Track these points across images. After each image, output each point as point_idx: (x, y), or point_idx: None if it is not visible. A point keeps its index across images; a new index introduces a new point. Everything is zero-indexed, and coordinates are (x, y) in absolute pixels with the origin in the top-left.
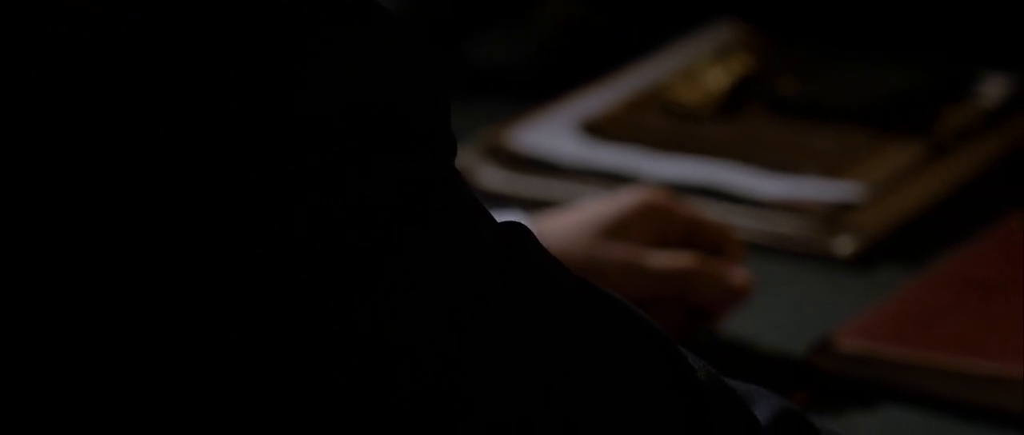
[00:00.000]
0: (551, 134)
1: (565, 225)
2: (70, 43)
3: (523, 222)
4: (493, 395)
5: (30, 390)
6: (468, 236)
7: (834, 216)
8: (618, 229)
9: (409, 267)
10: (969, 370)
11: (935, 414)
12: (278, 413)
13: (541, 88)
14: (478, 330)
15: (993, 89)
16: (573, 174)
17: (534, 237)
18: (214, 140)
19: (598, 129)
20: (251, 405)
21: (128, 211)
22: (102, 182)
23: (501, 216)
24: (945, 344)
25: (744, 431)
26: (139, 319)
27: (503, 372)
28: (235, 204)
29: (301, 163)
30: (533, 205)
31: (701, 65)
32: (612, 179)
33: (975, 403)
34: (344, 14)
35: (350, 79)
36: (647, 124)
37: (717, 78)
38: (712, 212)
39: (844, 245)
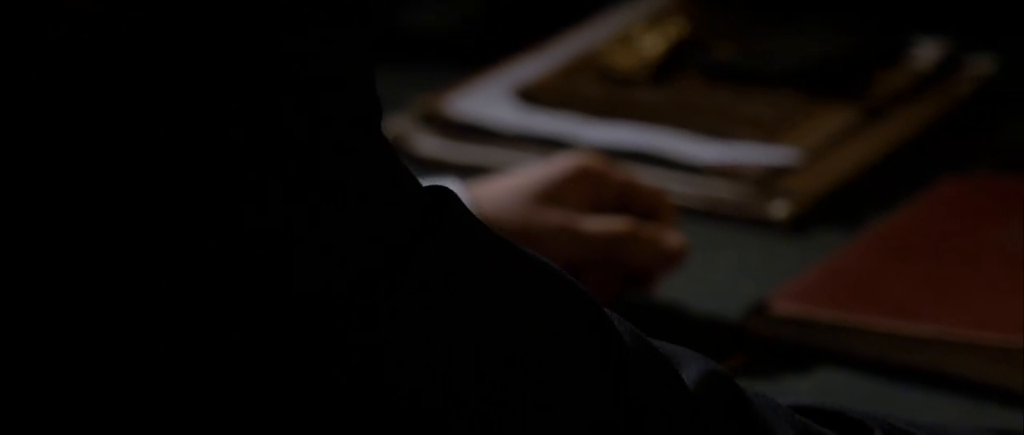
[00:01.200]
0: (486, 101)
1: (500, 191)
2: (70, 43)
3: (458, 189)
4: (418, 361)
5: (28, 387)
6: (392, 200)
7: (769, 180)
8: (553, 194)
9: (331, 232)
10: (903, 332)
11: (870, 376)
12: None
13: (476, 55)
14: (402, 295)
15: (926, 53)
16: (509, 140)
17: (460, 200)
18: (214, 140)
19: (533, 95)
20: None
21: (127, 210)
22: (101, 182)
23: (436, 183)
24: (879, 307)
25: (669, 393)
26: (136, 317)
27: (429, 338)
28: (233, 202)
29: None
30: (469, 172)
31: (636, 30)
32: (547, 145)
33: (909, 365)
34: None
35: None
36: (582, 90)
37: (652, 43)
38: (648, 177)
39: (779, 209)
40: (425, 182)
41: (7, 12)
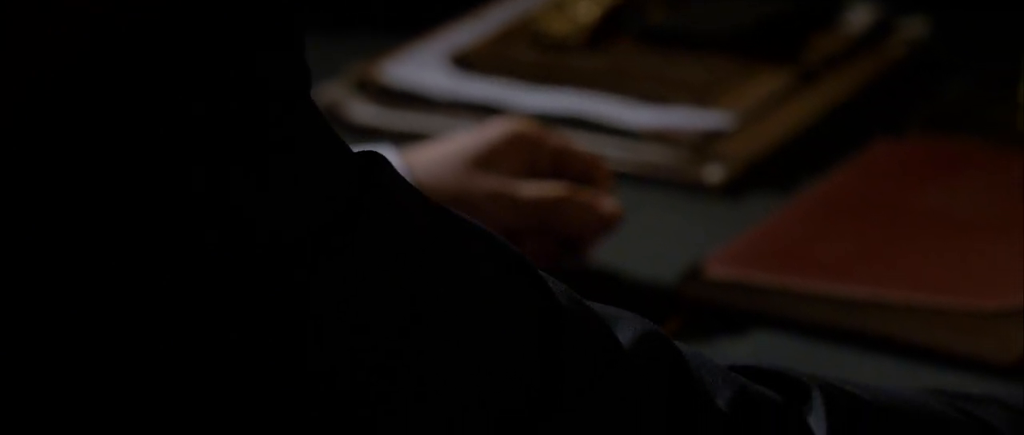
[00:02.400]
0: (421, 67)
1: (435, 157)
2: (70, 43)
3: (392, 156)
4: (352, 323)
5: (29, 386)
6: (324, 166)
7: (703, 144)
8: (488, 160)
9: (266, 198)
10: (838, 294)
11: (805, 339)
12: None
13: (411, 21)
14: (337, 259)
15: (859, 17)
16: (443, 107)
17: (391, 164)
18: (213, 139)
19: (468, 62)
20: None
21: (125, 210)
22: (101, 182)
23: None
24: (814, 269)
25: (604, 353)
26: (134, 317)
27: (363, 300)
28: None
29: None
30: (403, 139)
31: None
32: (482, 111)
33: (844, 327)
34: None
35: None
36: (517, 56)
37: (587, 9)
38: (583, 143)
39: (713, 173)
40: (359, 149)
41: (7, 12)
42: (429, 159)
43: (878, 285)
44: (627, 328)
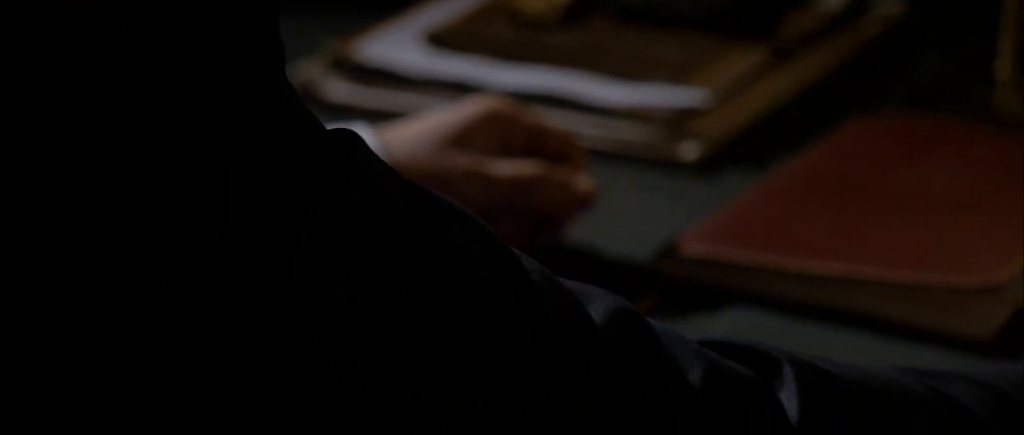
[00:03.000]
0: (396, 45)
1: (410, 135)
2: (70, 43)
3: (367, 134)
4: (338, 311)
5: (21, 378)
6: (303, 147)
7: (679, 122)
8: (462, 138)
9: (242, 177)
10: (812, 271)
11: (780, 316)
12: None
13: (386, 0)
14: (318, 242)
15: None
16: (418, 85)
17: (366, 144)
18: (213, 139)
19: (443, 39)
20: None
21: (125, 210)
22: (101, 181)
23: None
24: (789, 246)
25: (577, 329)
26: (133, 314)
27: (344, 283)
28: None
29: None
30: (379, 117)
31: None
32: (457, 89)
33: (819, 304)
34: None
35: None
36: (492, 34)
37: None
38: (558, 120)
39: (689, 151)
40: (334, 128)
41: (7, 12)
42: (404, 137)
43: (853, 262)
44: (599, 305)
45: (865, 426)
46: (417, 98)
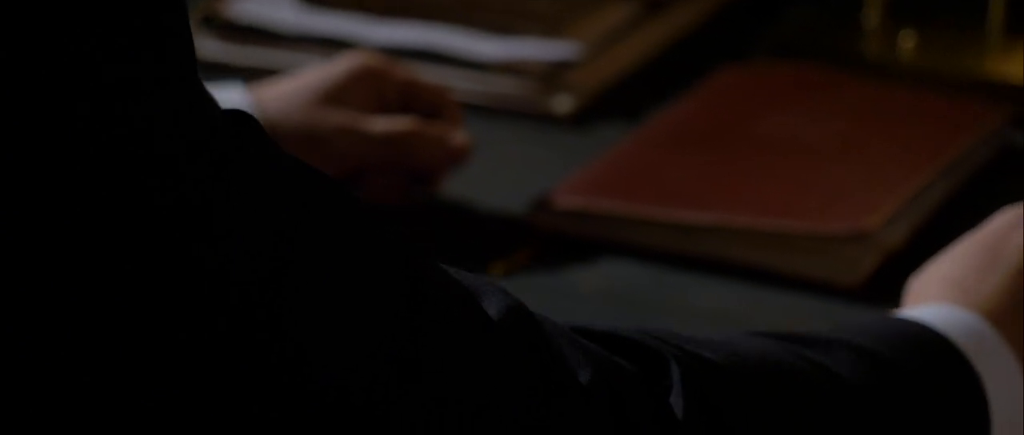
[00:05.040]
0: (268, 2)
1: (282, 93)
2: None
3: (240, 93)
4: (222, 293)
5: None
6: (199, 128)
7: (552, 75)
8: (336, 95)
9: (137, 161)
10: (684, 221)
11: (654, 266)
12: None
13: None
14: (209, 224)
15: None
16: (291, 42)
17: (260, 127)
18: (107, 122)
19: None
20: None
21: (25, 197)
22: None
23: (220, 88)
24: (661, 197)
25: (469, 323)
26: (37, 299)
27: (232, 271)
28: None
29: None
30: (251, 74)
31: None
32: (331, 46)
33: (692, 253)
34: None
35: None
36: None
37: None
38: (432, 75)
39: (562, 103)
40: (227, 109)
41: None
42: (277, 95)
43: (724, 211)
44: (492, 301)
45: (749, 418)
46: (290, 55)
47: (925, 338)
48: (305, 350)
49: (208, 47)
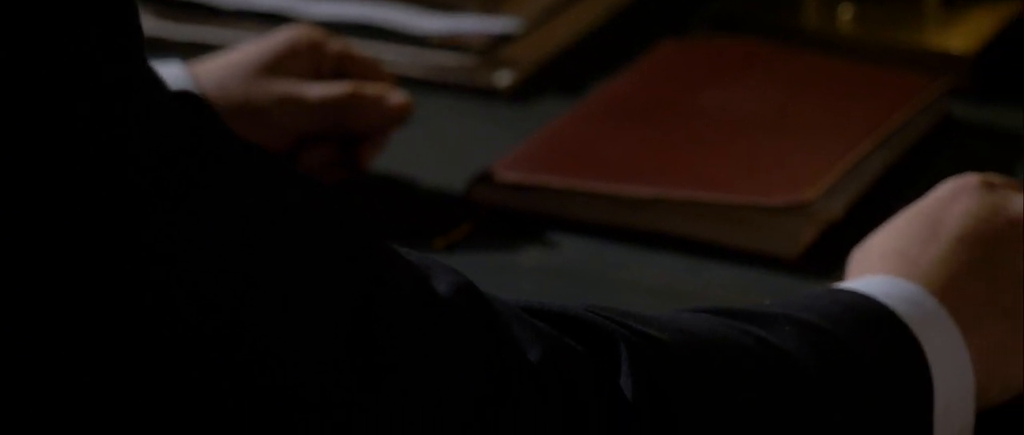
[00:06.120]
0: None
1: (219, 67)
2: None
3: (179, 69)
4: (182, 274)
5: None
6: (154, 114)
7: (493, 49)
8: (273, 67)
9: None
10: (624, 194)
11: (595, 239)
12: None
13: None
14: (166, 212)
15: None
16: (229, 17)
17: (212, 110)
18: (60, 116)
19: None
20: None
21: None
22: None
23: (158, 65)
24: (601, 170)
25: (419, 300)
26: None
27: (190, 253)
28: None
29: None
30: (189, 50)
31: None
32: (269, 21)
33: (633, 226)
34: None
35: None
36: None
37: None
38: (372, 50)
39: (503, 78)
40: (177, 91)
41: None
42: (214, 70)
43: (664, 184)
44: (443, 279)
45: (697, 397)
46: (228, 32)
47: (867, 309)
48: (264, 335)
49: (145, 24)
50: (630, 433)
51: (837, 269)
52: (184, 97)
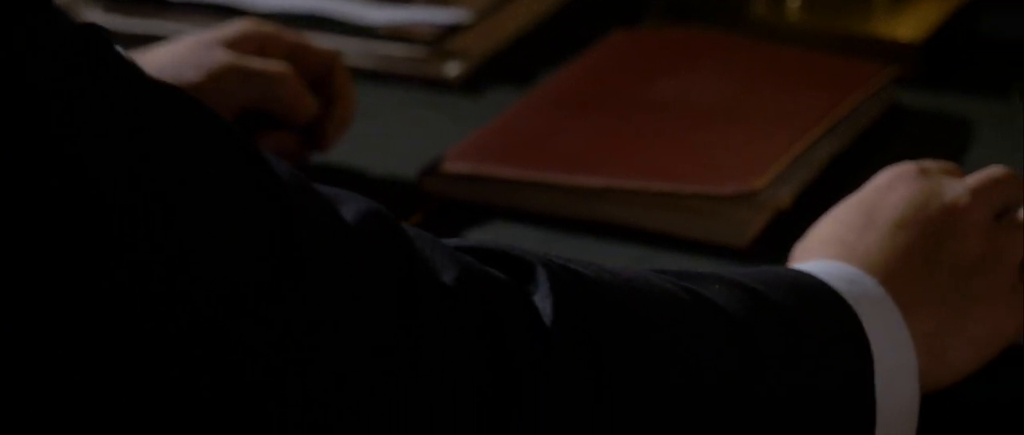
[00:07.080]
0: None
1: (161, 56)
2: None
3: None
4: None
5: None
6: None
7: (442, 40)
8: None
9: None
10: (574, 184)
11: (545, 230)
12: None
13: None
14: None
15: None
16: (178, 9)
17: (110, 40)
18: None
19: None
20: None
21: None
22: None
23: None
24: (550, 160)
25: (330, 228)
26: None
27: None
28: None
29: None
30: (138, 43)
31: None
32: (218, 13)
33: (582, 216)
34: None
35: None
36: None
37: None
38: (322, 41)
39: (453, 68)
40: (80, 23)
41: None
42: (156, 58)
43: (614, 174)
44: (351, 206)
45: (618, 323)
46: (177, 25)
47: (804, 282)
48: (172, 258)
49: (93, 17)
50: (550, 353)
51: (786, 257)
52: (85, 26)
